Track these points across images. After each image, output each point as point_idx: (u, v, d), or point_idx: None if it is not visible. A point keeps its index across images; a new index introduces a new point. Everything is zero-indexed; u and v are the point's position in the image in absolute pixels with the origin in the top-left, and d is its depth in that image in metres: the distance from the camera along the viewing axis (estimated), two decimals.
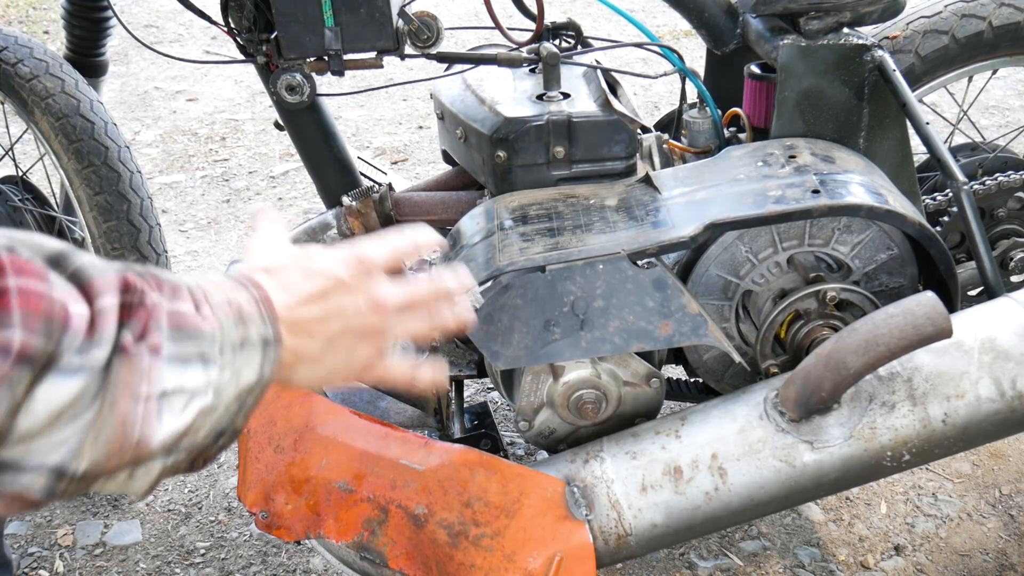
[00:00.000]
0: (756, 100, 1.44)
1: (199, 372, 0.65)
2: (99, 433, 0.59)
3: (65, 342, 0.56)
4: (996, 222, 1.55)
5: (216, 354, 0.67)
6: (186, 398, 0.64)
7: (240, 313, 0.70)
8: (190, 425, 0.65)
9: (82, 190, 1.59)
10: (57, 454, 0.58)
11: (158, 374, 0.62)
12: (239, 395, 0.70)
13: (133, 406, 0.61)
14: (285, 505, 1.18)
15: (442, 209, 1.47)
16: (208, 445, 0.69)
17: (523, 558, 1.11)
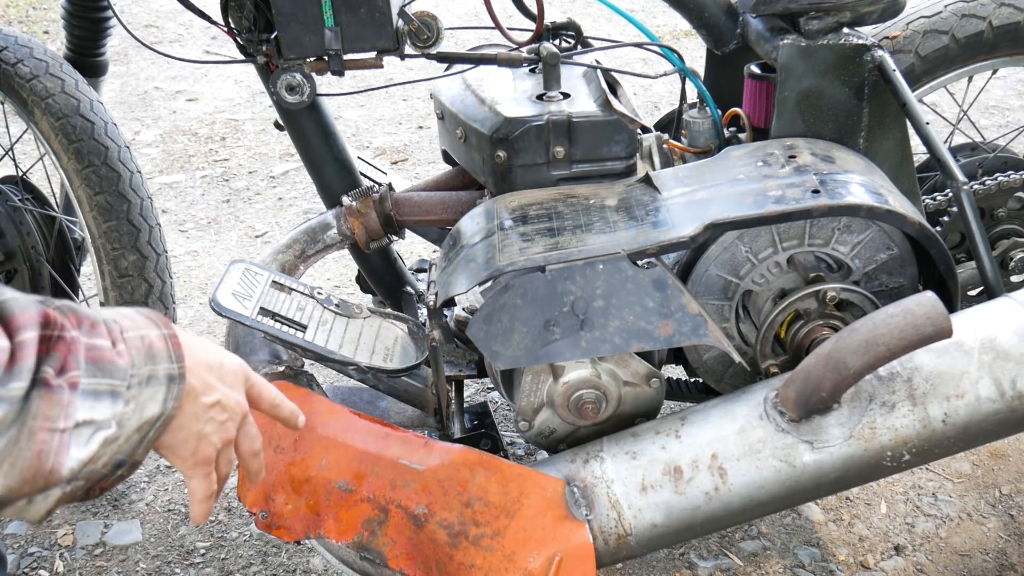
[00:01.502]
0: (756, 100, 1.44)
1: (108, 405, 0.69)
2: (15, 462, 0.62)
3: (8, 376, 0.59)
4: (996, 222, 1.55)
5: (124, 388, 0.71)
6: (92, 429, 0.68)
7: (151, 349, 0.74)
8: (93, 455, 0.69)
9: (82, 190, 1.59)
10: None
11: (74, 408, 0.66)
12: (140, 427, 0.73)
13: (50, 437, 0.64)
14: (285, 505, 1.18)
15: (442, 209, 1.47)
16: (107, 474, 0.72)
17: (523, 558, 1.11)
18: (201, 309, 2.47)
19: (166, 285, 1.66)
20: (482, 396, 2.06)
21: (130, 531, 1.77)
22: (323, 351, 1.28)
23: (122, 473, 0.74)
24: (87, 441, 0.68)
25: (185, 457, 0.83)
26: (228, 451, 0.88)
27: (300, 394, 1.23)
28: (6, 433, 0.61)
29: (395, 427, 1.22)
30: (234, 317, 1.23)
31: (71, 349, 0.66)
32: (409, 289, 1.69)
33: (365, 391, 1.46)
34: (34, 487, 0.65)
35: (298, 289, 1.36)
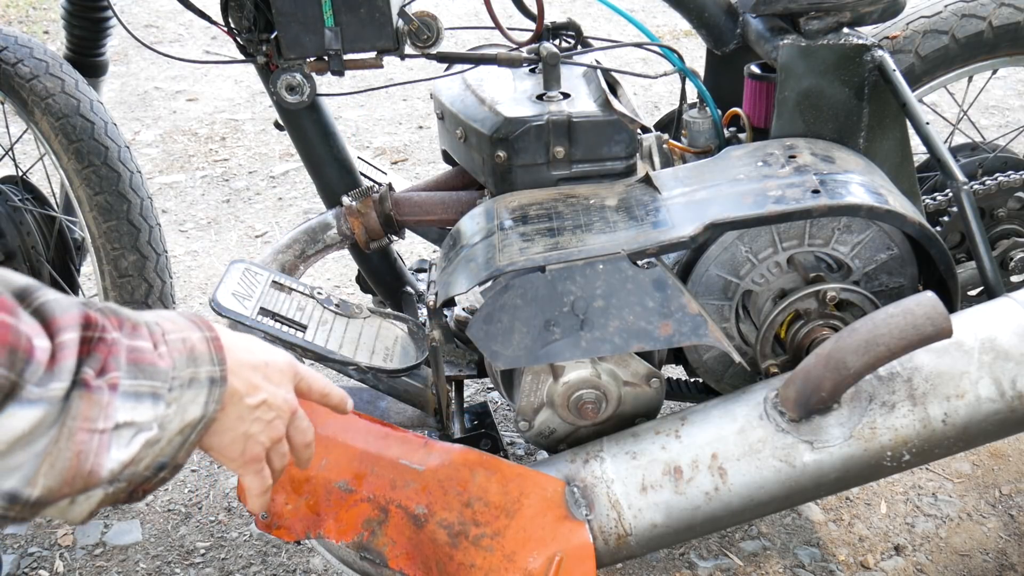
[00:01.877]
0: (756, 100, 1.44)
1: (149, 407, 0.69)
2: (55, 462, 0.63)
3: (27, 373, 0.60)
4: (996, 222, 1.55)
5: (166, 391, 0.71)
6: (134, 431, 0.68)
7: (192, 351, 0.74)
8: (134, 456, 0.69)
9: (82, 190, 1.59)
10: (12, 480, 0.61)
11: (113, 409, 0.66)
12: (182, 430, 0.73)
13: (89, 438, 0.64)
14: (285, 505, 1.18)
15: (442, 209, 1.47)
16: (149, 477, 0.72)
17: (523, 558, 1.11)
18: (201, 309, 2.47)
19: (166, 285, 1.66)
20: (482, 396, 2.06)
21: (130, 531, 1.77)
22: (323, 351, 1.27)
23: (164, 476, 0.74)
24: (128, 443, 0.69)
25: (233, 457, 0.84)
26: (280, 447, 0.88)
27: None
28: (47, 433, 0.62)
29: (395, 427, 1.22)
30: (234, 317, 1.23)
31: (112, 350, 0.67)
32: (409, 289, 1.69)
33: (365, 391, 1.46)
34: (74, 488, 0.66)
35: (298, 289, 1.36)
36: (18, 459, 0.61)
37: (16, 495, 0.62)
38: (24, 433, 0.60)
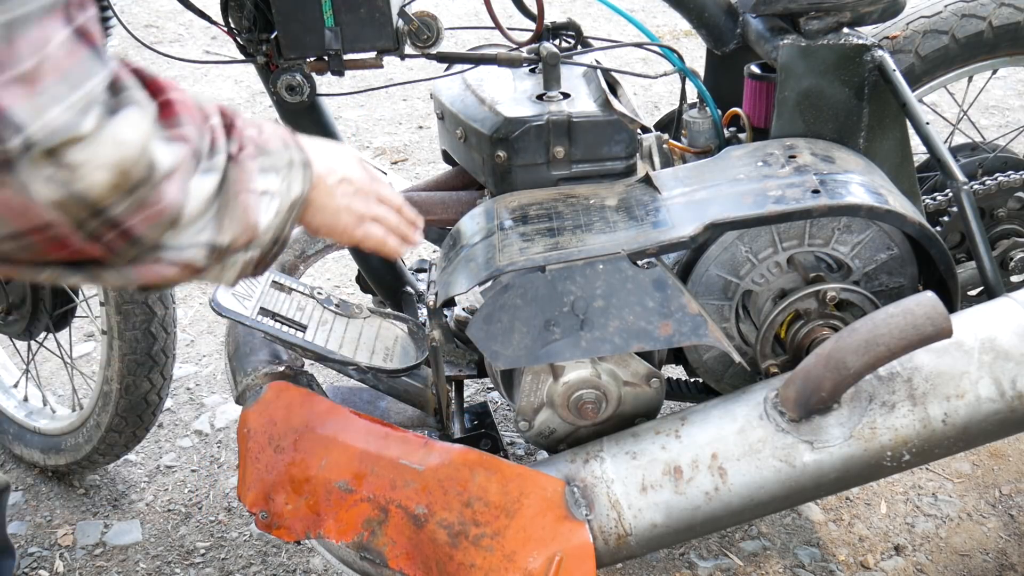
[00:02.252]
0: (756, 100, 1.44)
1: (274, 179, 0.84)
2: (232, 216, 0.78)
3: (204, 147, 0.74)
4: (996, 222, 1.55)
5: (279, 167, 0.86)
6: (268, 198, 0.83)
7: (284, 140, 0.88)
8: (270, 222, 0.84)
9: None
10: (206, 233, 0.76)
11: (255, 177, 0.81)
12: (292, 205, 0.88)
13: (248, 197, 0.80)
14: (285, 505, 1.18)
15: (442, 209, 1.47)
16: (268, 249, 0.86)
17: (523, 558, 1.11)
18: (201, 309, 2.47)
19: None
20: (482, 396, 2.06)
21: (130, 531, 1.77)
22: (323, 351, 1.28)
23: (276, 251, 0.87)
24: (267, 208, 0.83)
25: (340, 231, 1.01)
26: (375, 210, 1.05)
27: (300, 394, 1.23)
28: (219, 198, 0.76)
29: (395, 427, 1.22)
30: (234, 317, 1.23)
31: (242, 133, 0.80)
32: (409, 289, 1.69)
33: (365, 391, 1.46)
34: (246, 237, 0.80)
35: (298, 289, 1.36)
36: (206, 218, 0.75)
37: (213, 243, 0.77)
38: (209, 196, 0.75)
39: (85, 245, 0.66)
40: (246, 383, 1.27)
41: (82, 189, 0.62)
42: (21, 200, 0.61)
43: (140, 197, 0.66)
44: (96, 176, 0.63)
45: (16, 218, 0.62)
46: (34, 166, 0.60)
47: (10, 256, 0.65)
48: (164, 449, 1.98)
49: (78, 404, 1.89)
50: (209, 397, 2.14)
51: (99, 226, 0.65)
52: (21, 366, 2.02)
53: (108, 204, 0.65)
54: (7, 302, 1.72)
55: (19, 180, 0.60)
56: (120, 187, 0.65)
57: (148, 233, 0.69)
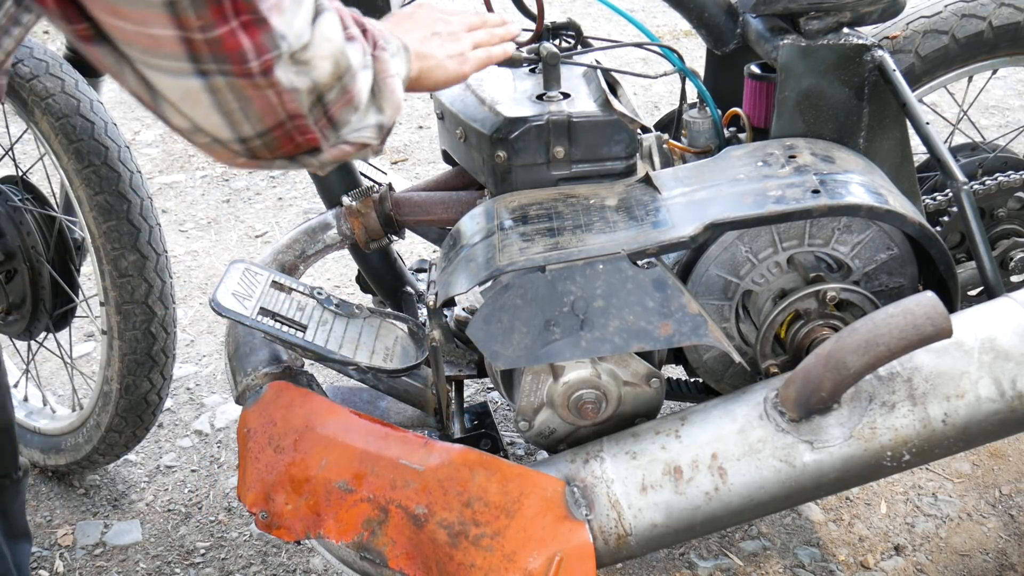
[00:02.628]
0: (756, 100, 1.44)
1: (395, 63, 0.98)
2: (386, 99, 0.94)
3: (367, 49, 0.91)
4: (996, 222, 1.55)
5: (395, 53, 1.00)
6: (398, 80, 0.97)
7: (383, 32, 0.99)
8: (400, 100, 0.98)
9: (82, 190, 1.59)
10: (372, 115, 0.93)
11: (390, 65, 0.95)
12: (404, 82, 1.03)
13: (391, 81, 0.95)
14: (285, 505, 1.18)
15: (442, 209, 1.47)
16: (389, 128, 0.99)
17: (523, 558, 1.12)
18: (201, 309, 2.47)
19: (166, 285, 1.66)
20: (482, 396, 2.06)
21: (130, 531, 1.77)
22: (323, 351, 1.28)
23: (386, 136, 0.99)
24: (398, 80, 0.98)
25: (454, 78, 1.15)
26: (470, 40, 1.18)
27: (300, 394, 1.23)
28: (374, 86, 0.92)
29: (395, 427, 1.22)
30: (234, 317, 1.23)
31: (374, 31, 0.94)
32: (409, 289, 1.69)
33: (365, 391, 1.46)
34: (396, 115, 0.97)
35: (298, 289, 1.36)
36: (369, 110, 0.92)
37: (380, 123, 0.94)
38: (370, 85, 0.91)
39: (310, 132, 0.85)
40: (246, 383, 1.27)
41: (317, 77, 0.82)
42: (278, 95, 0.80)
43: (343, 85, 0.86)
44: (324, 66, 0.83)
45: (268, 114, 0.81)
46: (285, 67, 0.79)
47: (255, 151, 0.85)
48: (164, 449, 1.98)
49: (78, 404, 1.89)
50: (209, 397, 2.14)
51: (320, 113, 0.85)
52: (21, 366, 2.02)
53: (327, 90, 0.84)
54: (7, 302, 1.73)
55: (279, 79, 0.79)
56: (335, 74, 0.84)
57: (342, 118, 0.88)
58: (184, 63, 0.75)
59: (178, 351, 1.93)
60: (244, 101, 0.79)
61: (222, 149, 0.84)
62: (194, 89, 0.77)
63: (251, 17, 0.75)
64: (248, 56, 0.76)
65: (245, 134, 0.82)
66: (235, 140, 0.83)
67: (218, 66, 0.76)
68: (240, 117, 0.81)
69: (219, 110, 0.79)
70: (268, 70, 0.78)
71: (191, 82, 0.76)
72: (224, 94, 0.78)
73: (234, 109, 0.80)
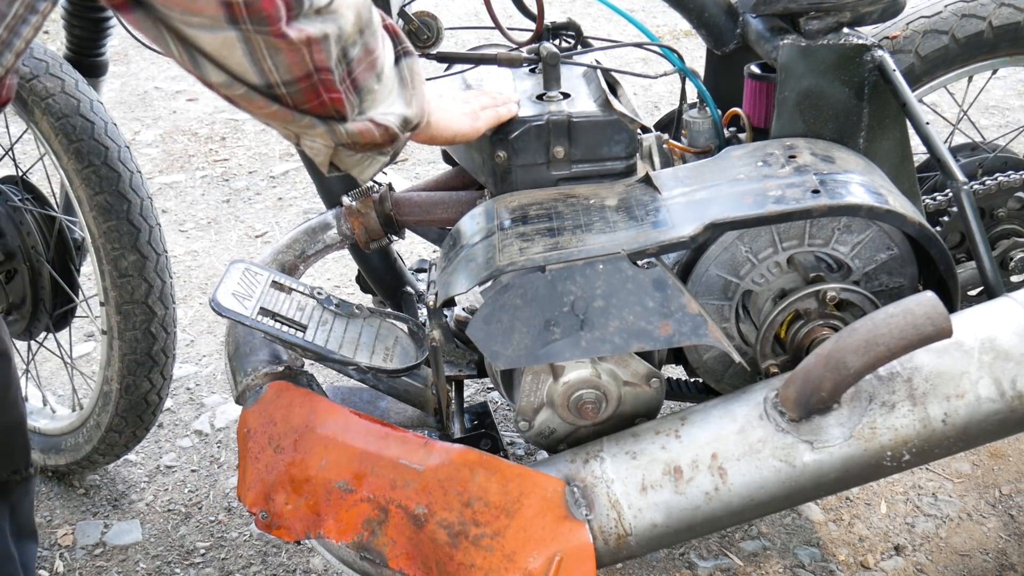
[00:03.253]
0: (756, 100, 1.44)
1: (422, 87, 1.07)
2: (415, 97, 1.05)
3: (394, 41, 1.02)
4: (996, 222, 1.55)
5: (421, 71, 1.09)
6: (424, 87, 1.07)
7: None
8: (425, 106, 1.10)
9: (82, 190, 1.59)
10: (398, 105, 1.02)
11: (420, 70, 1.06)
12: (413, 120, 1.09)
13: (423, 88, 1.06)
14: (285, 505, 1.18)
15: (442, 209, 1.47)
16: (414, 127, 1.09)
17: (523, 558, 1.12)
18: (201, 309, 2.47)
19: (166, 285, 1.66)
20: (482, 396, 2.06)
21: (130, 531, 1.77)
22: (323, 351, 1.28)
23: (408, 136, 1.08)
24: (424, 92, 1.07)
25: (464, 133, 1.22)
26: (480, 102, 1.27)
27: (300, 394, 1.23)
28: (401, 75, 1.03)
29: (395, 427, 1.22)
30: (234, 317, 1.23)
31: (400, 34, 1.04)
32: (409, 289, 1.69)
33: (365, 391, 1.46)
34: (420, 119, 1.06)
35: (298, 289, 1.36)
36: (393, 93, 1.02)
37: (406, 116, 1.03)
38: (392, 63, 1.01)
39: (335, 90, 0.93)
40: (246, 383, 1.27)
41: (343, 24, 0.89)
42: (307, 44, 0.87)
43: (365, 42, 0.93)
44: (348, 15, 0.90)
45: (297, 64, 0.89)
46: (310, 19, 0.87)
47: (283, 99, 0.92)
48: (164, 449, 1.98)
49: (78, 404, 1.89)
50: (209, 397, 2.14)
51: (345, 69, 0.93)
52: (21, 366, 2.02)
53: (352, 42, 0.92)
54: (7, 302, 1.73)
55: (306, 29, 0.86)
56: (359, 24, 0.91)
57: (366, 84, 0.95)
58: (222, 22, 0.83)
59: (178, 351, 1.93)
60: (275, 51, 0.87)
61: (257, 97, 0.91)
62: (231, 39, 0.85)
63: None
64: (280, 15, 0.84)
65: (274, 81, 0.90)
66: (266, 86, 0.90)
67: (256, 27, 0.84)
68: (270, 66, 0.88)
69: (251, 58, 0.87)
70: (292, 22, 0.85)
71: (228, 34, 0.84)
72: (257, 44, 0.86)
73: (265, 57, 0.87)
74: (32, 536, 1.26)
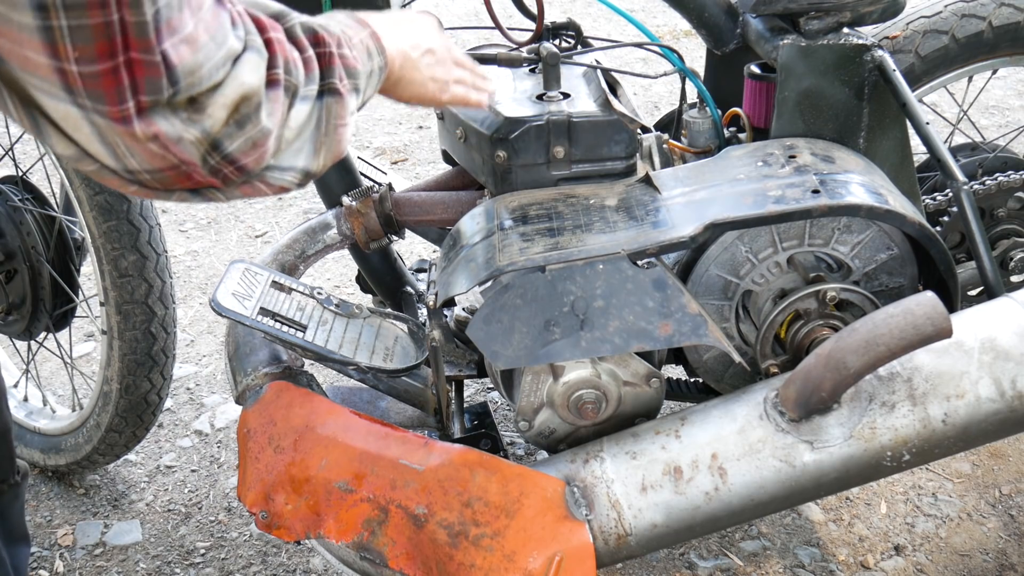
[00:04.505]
0: (756, 100, 1.44)
1: (356, 98, 0.91)
2: (328, 148, 0.87)
3: (299, 79, 0.81)
4: (996, 222, 1.55)
5: (362, 84, 0.92)
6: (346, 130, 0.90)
7: (368, 50, 0.94)
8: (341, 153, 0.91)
9: (82, 190, 1.59)
10: (302, 159, 0.85)
11: (351, 106, 0.89)
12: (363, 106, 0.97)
13: (344, 130, 0.89)
14: (285, 505, 1.18)
15: (442, 209, 1.47)
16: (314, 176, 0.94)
17: (523, 558, 1.11)
18: (201, 309, 2.47)
19: (166, 285, 1.66)
20: (482, 396, 2.06)
21: (130, 531, 1.77)
22: (323, 351, 1.28)
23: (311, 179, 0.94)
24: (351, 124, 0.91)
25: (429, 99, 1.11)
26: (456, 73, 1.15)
27: (300, 394, 1.23)
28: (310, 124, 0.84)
29: (395, 427, 1.22)
30: (234, 317, 1.23)
31: (340, 62, 0.87)
32: (409, 289, 1.69)
33: (365, 391, 1.46)
34: (329, 165, 0.90)
35: (298, 289, 1.36)
36: (300, 143, 0.84)
37: (307, 170, 0.86)
38: (303, 123, 0.83)
39: (207, 178, 0.77)
40: (246, 383, 1.27)
41: (209, 127, 0.73)
42: (162, 145, 0.72)
43: (250, 137, 0.76)
44: (218, 115, 0.73)
45: (155, 158, 0.73)
46: (168, 115, 0.70)
47: (145, 183, 0.77)
48: (164, 449, 1.98)
49: (78, 404, 1.89)
50: (209, 397, 2.14)
51: (219, 161, 0.77)
52: (21, 366, 2.02)
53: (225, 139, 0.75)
54: (7, 302, 1.72)
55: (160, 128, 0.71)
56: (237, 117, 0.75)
57: (254, 169, 0.80)
58: (60, 91, 0.67)
59: (178, 351, 1.93)
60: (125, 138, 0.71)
61: (112, 177, 0.76)
62: (74, 115, 0.68)
63: (141, 56, 0.66)
64: (125, 96, 0.67)
65: (132, 167, 0.74)
66: (123, 170, 0.74)
67: (93, 104, 0.67)
68: (124, 151, 0.72)
69: (101, 140, 0.71)
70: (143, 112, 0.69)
71: (70, 108, 0.68)
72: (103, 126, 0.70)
73: (118, 143, 0.71)
74: (23, 540, 1.26)
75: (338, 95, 0.86)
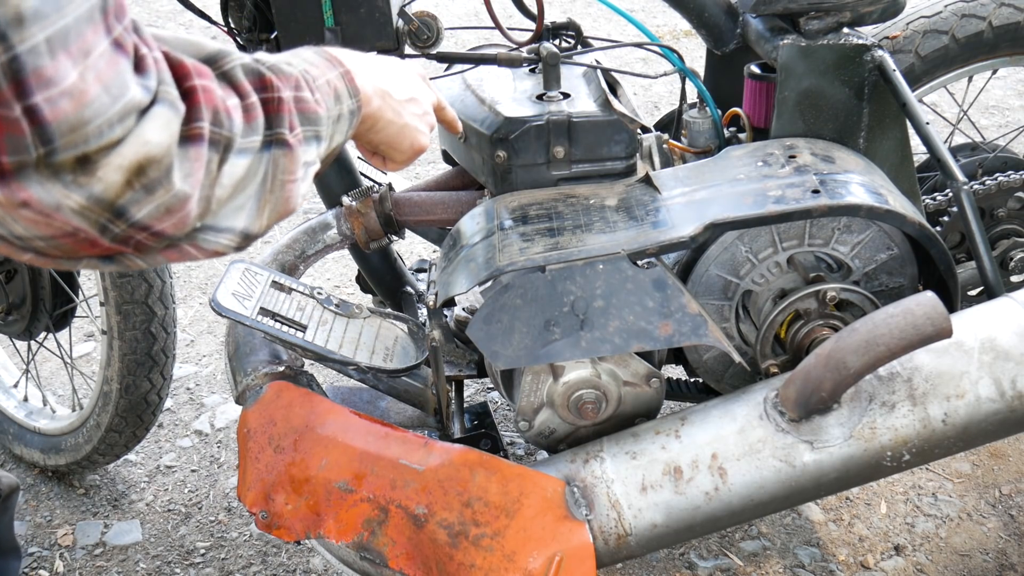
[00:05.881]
0: (756, 100, 1.44)
1: (314, 147, 0.81)
2: (274, 207, 0.76)
3: (235, 130, 0.70)
4: (996, 222, 1.55)
5: (325, 132, 0.83)
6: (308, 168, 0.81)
7: (336, 92, 0.86)
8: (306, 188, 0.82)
9: None
10: (242, 219, 0.74)
11: (303, 158, 0.78)
12: (331, 154, 0.88)
13: (293, 186, 0.78)
14: (285, 505, 1.18)
15: (442, 209, 1.47)
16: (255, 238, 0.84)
17: (523, 558, 1.11)
18: (201, 309, 2.47)
19: (166, 285, 1.66)
20: (482, 396, 2.06)
21: (130, 531, 1.77)
22: (323, 351, 1.28)
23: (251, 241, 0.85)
24: (305, 178, 0.80)
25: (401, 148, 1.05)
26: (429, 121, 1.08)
27: (300, 394, 1.23)
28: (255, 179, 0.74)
29: (395, 427, 1.22)
30: (234, 317, 1.23)
31: (291, 108, 0.77)
32: (409, 289, 1.69)
33: (365, 391, 1.46)
34: (274, 225, 0.79)
35: (298, 289, 1.36)
36: (239, 200, 0.73)
37: (247, 231, 0.75)
38: (241, 178, 0.71)
39: (113, 247, 0.66)
40: (246, 383, 1.27)
41: (100, 192, 0.61)
42: (42, 209, 0.60)
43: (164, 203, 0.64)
44: (113, 178, 0.61)
45: (41, 226, 0.61)
46: (55, 174, 0.59)
47: (44, 252, 0.65)
48: (164, 449, 1.98)
49: (78, 404, 1.89)
50: (209, 397, 2.14)
51: (126, 229, 0.64)
52: (21, 366, 2.02)
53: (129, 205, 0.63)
54: (7, 302, 1.73)
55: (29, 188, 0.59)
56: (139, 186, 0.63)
57: (178, 232, 0.68)
58: None
59: (178, 351, 1.93)
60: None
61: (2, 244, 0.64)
62: None
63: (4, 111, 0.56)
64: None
65: (19, 234, 0.62)
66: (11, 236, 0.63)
67: None
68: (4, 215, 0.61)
69: None
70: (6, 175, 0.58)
71: None
72: None
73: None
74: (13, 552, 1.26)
75: (286, 147, 0.75)
